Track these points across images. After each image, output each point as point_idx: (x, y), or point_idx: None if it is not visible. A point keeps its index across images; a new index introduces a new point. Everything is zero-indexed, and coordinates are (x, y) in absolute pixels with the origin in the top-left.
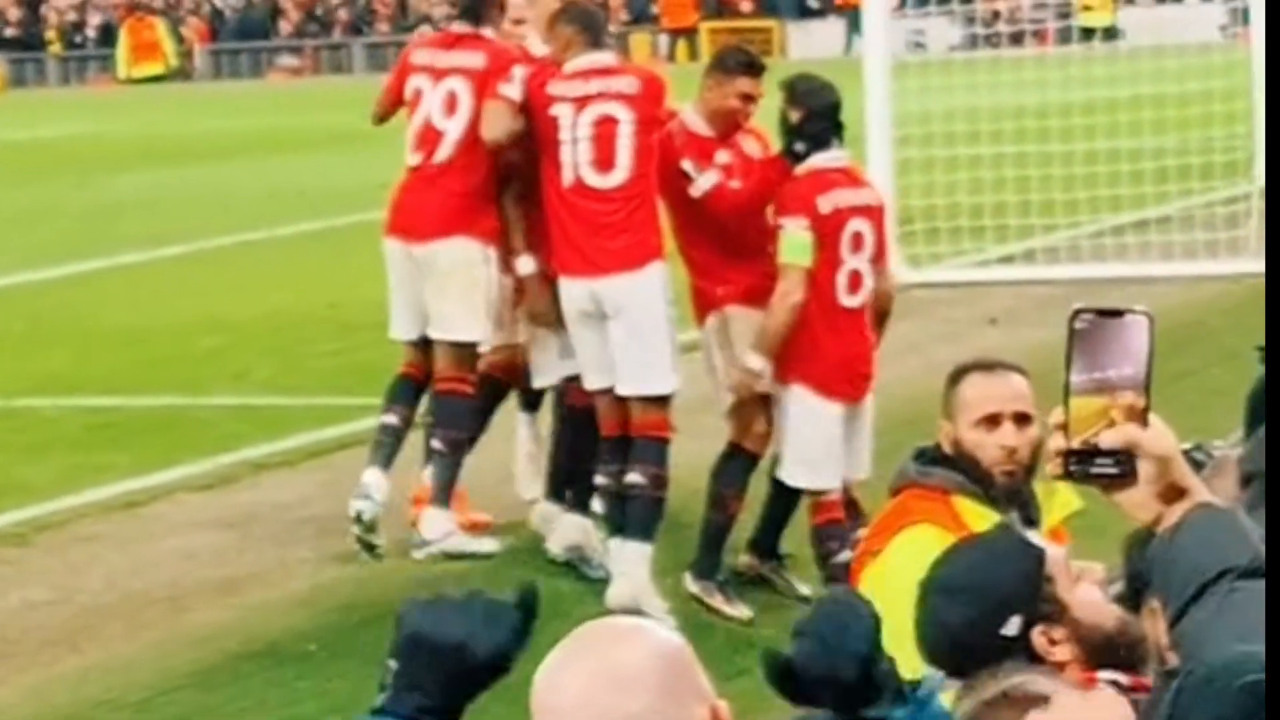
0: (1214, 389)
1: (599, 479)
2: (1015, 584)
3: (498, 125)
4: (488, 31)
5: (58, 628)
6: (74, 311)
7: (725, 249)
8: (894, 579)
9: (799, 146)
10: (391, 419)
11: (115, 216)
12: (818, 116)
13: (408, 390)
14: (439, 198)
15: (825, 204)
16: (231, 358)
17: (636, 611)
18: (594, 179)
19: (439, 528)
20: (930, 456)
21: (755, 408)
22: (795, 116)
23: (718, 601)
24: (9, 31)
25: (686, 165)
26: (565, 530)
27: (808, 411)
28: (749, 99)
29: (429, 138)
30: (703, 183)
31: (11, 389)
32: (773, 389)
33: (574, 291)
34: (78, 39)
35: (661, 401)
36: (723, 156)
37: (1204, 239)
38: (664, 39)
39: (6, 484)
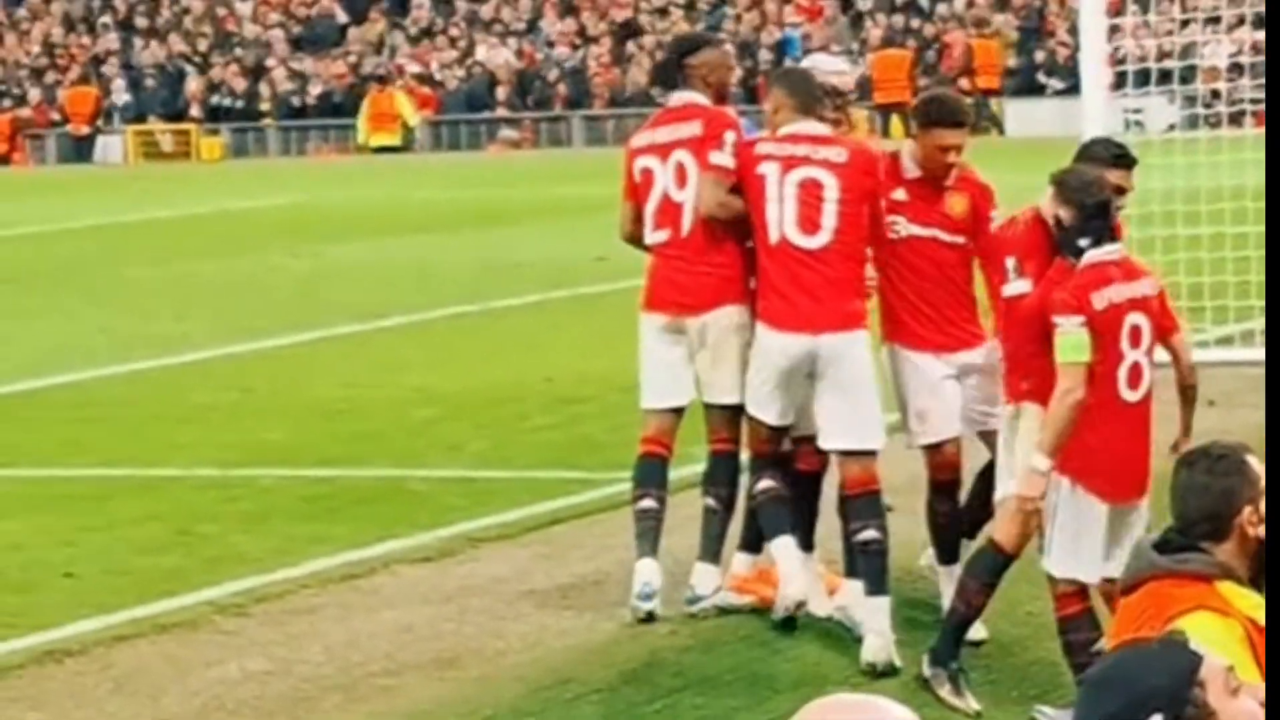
0: None
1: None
2: (1161, 682)
3: (710, 198)
4: (698, 97)
5: (275, 699)
6: (288, 382)
7: (1028, 343)
8: None
9: (1082, 242)
10: (649, 503)
11: (330, 287)
12: (1092, 214)
13: (657, 470)
14: (701, 270)
15: (1100, 300)
16: (446, 430)
17: (891, 668)
18: (799, 239)
19: (709, 583)
20: (1176, 545)
21: (1029, 515)
22: (1068, 215)
23: (946, 691)
24: (232, 102)
25: (1009, 262)
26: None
27: (1079, 507)
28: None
29: (669, 212)
30: (1012, 287)
31: (227, 459)
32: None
33: (782, 344)
34: (297, 106)
35: (874, 456)
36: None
37: None
38: (878, 115)
39: (225, 554)
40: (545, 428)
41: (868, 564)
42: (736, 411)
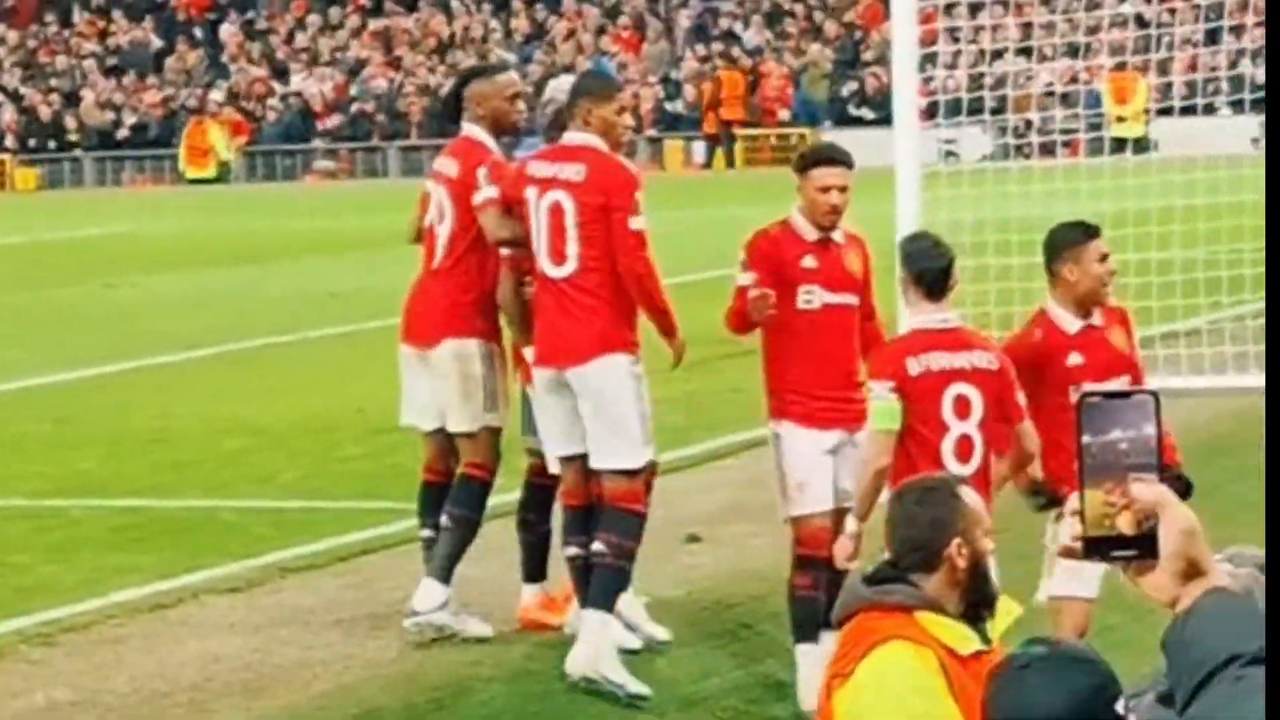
0: (1243, 503)
1: (569, 550)
2: None
3: (492, 232)
4: (473, 129)
5: None
6: (102, 413)
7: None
8: (867, 696)
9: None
10: (429, 533)
11: (147, 317)
12: (923, 278)
13: (435, 498)
14: (438, 300)
15: (915, 366)
16: (259, 460)
17: (594, 680)
18: (551, 269)
19: (431, 600)
20: (884, 576)
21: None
22: (901, 276)
23: None
24: (45, 133)
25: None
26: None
27: None
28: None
29: (427, 242)
30: None
31: (39, 489)
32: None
33: (540, 377)
34: (112, 137)
35: (632, 475)
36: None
37: (1233, 352)
38: (699, 146)
39: (33, 585)
40: (357, 458)
41: (595, 577)
42: (473, 437)
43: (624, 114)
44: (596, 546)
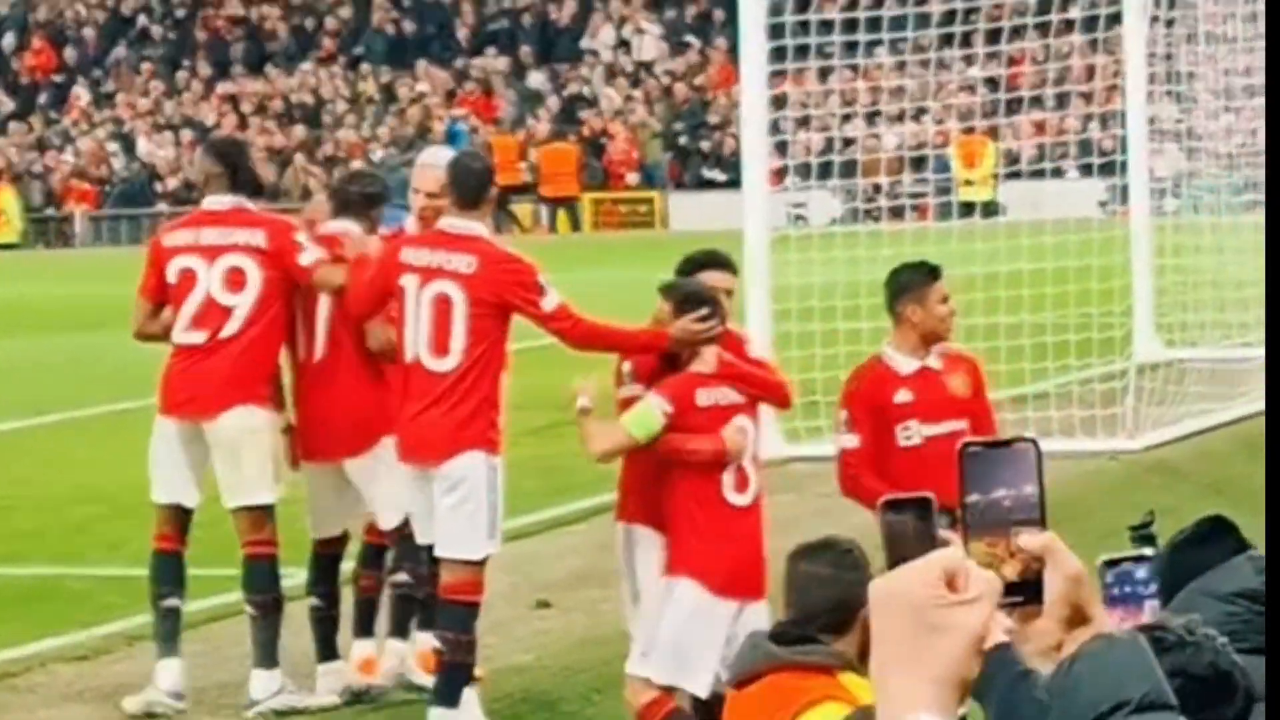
0: (1090, 567)
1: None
2: None
3: (331, 283)
4: (248, 203)
5: None
6: None
7: None
8: None
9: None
10: (173, 601)
11: None
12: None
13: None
14: (225, 369)
15: (704, 397)
16: (107, 528)
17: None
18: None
19: (266, 687)
20: (793, 636)
21: None
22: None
23: None
24: None
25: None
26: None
27: (695, 608)
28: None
29: (211, 315)
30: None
31: None
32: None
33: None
34: None
35: (477, 565)
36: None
37: (1081, 415)
38: (544, 209)
39: None
40: (201, 524)
41: (439, 676)
42: (262, 511)
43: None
44: (435, 645)
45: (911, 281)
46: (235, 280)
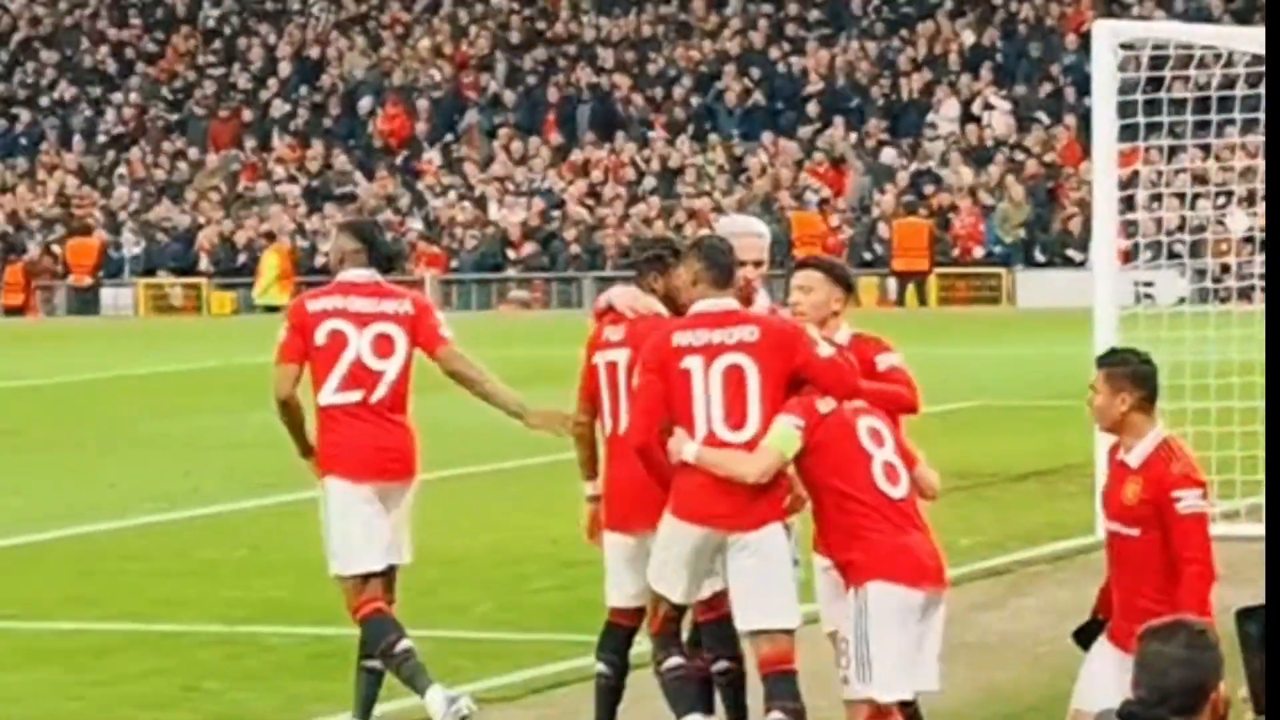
0: None
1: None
2: None
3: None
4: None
5: None
6: (294, 539)
7: None
8: None
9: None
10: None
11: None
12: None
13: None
14: (399, 433)
15: (825, 405)
16: (452, 591)
17: None
18: (726, 433)
19: None
20: (1144, 717)
21: None
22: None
23: None
24: (243, 257)
25: None
26: None
27: (893, 608)
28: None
29: (363, 378)
30: None
31: (233, 615)
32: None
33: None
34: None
35: (790, 634)
36: None
37: None
38: (893, 283)
39: (229, 711)
40: (550, 589)
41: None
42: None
43: None
44: (775, 714)
45: None
46: (374, 348)
